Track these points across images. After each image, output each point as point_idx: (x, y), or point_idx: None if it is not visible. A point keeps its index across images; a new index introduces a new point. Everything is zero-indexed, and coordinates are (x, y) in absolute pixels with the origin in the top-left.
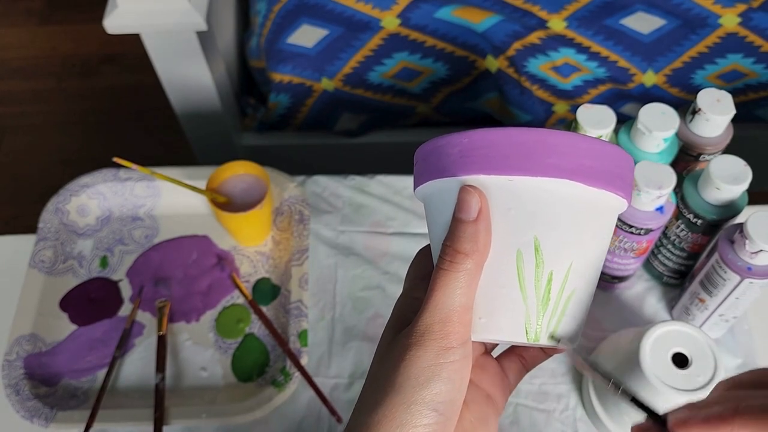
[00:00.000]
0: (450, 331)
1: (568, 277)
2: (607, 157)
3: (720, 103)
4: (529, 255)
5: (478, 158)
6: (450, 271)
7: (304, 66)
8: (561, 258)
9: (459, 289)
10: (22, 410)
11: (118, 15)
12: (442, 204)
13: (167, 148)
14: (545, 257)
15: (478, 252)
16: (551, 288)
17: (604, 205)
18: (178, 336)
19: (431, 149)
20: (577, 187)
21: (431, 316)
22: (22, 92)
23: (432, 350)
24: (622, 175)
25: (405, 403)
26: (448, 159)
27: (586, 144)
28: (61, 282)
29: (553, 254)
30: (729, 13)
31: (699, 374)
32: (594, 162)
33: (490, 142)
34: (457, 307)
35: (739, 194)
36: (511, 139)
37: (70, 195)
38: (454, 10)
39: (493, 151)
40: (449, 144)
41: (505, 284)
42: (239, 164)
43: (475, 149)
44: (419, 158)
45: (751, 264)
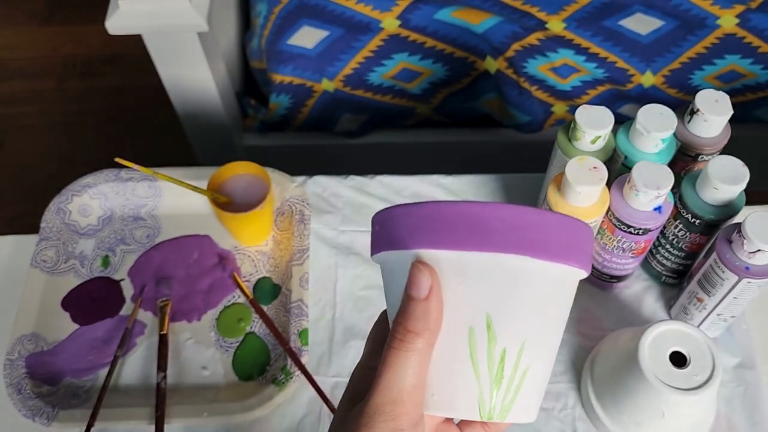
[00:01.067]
0: (400, 412)
1: (522, 354)
2: (560, 229)
3: (718, 104)
4: (481, 331)
5: (429, 232)
6: (400, 350)
7: (304, 67)
8: (514, 334)
9: (409, 369)
10: (23, 409)
11: (120, 16)
12: (397, 274)
13: (168, 148)
14: (498, 334)
15: (429, 331)
16: (504, 365)
17: (558, 277)
18: (179, 335)
19: (386, 218)
20: (527, 261)
21: (381, 397)
22: (24, 93)
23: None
24: (576, 245)
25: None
26: (401, 230)
27: (536, 216)
28: (63, 281)
29: (506, 330)
30: (727, 14)
31: (697, 373)
32: (545, 235)
33: (441, 216)
34: (408, 387)
35: (737, 194)
36: (461, 212)
37: (72, 195)
38: (453, 11)
39: (443, 225)
40: (403, 215)
41: (457, 361)
42: (240, 164)
43: (426, 222)
44: (375, 224)
45: (749, 264)
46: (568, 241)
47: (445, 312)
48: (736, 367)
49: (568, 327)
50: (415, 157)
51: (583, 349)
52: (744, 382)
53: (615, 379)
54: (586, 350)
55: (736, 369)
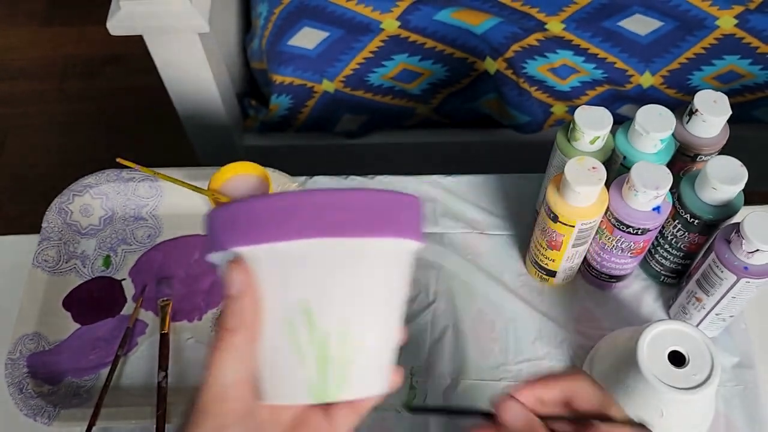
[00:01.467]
0: (225, 409)
1: (347, 335)
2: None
3: (717, 104)
4: (301, 319)
5: (237, 230)
6: (219, 348)
7: (305, 68)
8: (335, 318)
9: (230, 366)
10: (25, 408)
11: (121, 17)
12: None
13: (169, 148)
14: (318, 319)
15: (245, 327)
16: (329, 348)
17: (372, 252)
18: (180, 334)
19: (207, 221)
20: (327, 242)
21: (206, 396)
22: (25, 93)
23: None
24: (383, 216)
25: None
26: (218, 232)
27: (324, 197)
28: (64, 281)
29: (325, 315)
30: (726, 15)
31: (696, 373)
32: (346, 214)
33: (245, 212)
34: (231, 383)
35: (735, 194)
36: (257, 207)
37: (74, 195)
38: (453, 12)
39: (248, 221)
40: (216, 216)
41: (282, 350)
42: (241, 165)
43: (234, 221)
44: (204, 228)
45: (747, 264)
46: (373, 215)
47: (267, 303)
48: (734, 367)
49: (567, 326)
50: (415, 157)
51: (582, 349)
52: (743, 381)
53: (614, 378)
54: (585, 350)
55: (735, 368)
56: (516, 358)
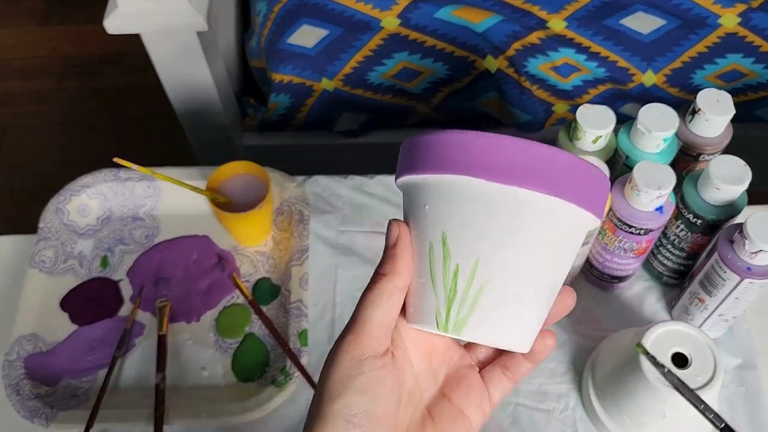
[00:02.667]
0: (362, 343)
1: (476, 271)
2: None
3: (719, 104)
4: (438, 249)
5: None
6: (370, 290)
7: (304, 66)
8: (467, 252)
9: (374, 306)
10: (22, 410)
11: (119, 15)
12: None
13: (167, 148)
14: (452, 251)
15: (396, 273)
16: (458, 281)
17: (513, 201)
18: (178, 336)
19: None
20: (473, 182)
21: (349, 331)
22: (23, 93)
23: (345, 363)
24: (538, 170)
25: (322, 416)
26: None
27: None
28: (62, 282)
29: (458, 248)
30: (728, 13)
31: (699, 374)
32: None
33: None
34: (373, 322)
35: (738, 194)
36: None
37: (71, 195)
38: (453, 10)
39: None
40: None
41: (421, 276)
42: (239, 164)
43: (406, 153)
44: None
45: (750, 264)
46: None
47: (415, 233)
48: (737, 368)
49: (568, 327)
50: None
51: (584, 350)
52: (745, 382)
53: (616, 380)
54: (587, 351)
55: (738, 370)
56: None
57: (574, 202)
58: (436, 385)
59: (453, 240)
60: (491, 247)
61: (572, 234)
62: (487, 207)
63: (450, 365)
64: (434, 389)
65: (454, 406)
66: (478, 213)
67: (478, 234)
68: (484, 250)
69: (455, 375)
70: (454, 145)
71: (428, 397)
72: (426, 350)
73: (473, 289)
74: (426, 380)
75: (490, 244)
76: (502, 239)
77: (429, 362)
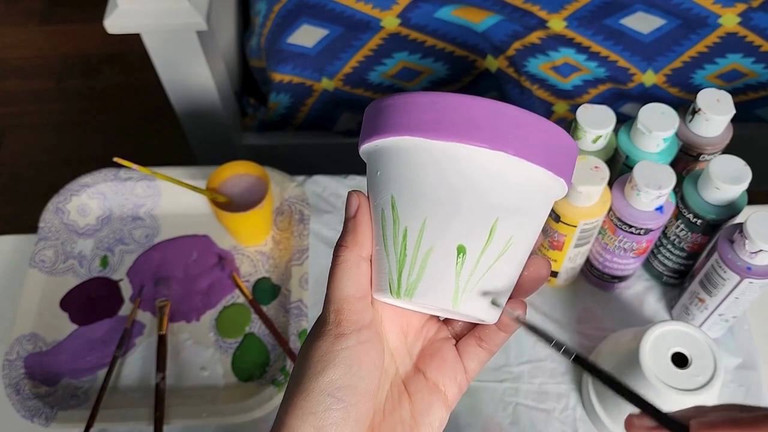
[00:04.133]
0: (342, 319)
1: (422, 233)
2: (449, 109)
3: (720, 103)
4: (388, 213)
5: (362, 131)
6: (336, 264)
7: (304, 66)
8: (413, 214)
9: (345, 280)
10: (22, 410)
11: (119, 15)
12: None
13: (167, 147)
14: (400, 213)
15: (357, 244)
16: (406, 243)
17: (453, 158)
18: (178, 335)
19: (375, 108)
20: (410, 141)
21: (327, 309)
22: (23, 92)
23: (328, 339)
24: (478, 124)
25: (304, 392)
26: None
27: (424, 99)
28: (62, 282)
29: (406, 210)
30: (729, 13)
31: (699, 374)
32: (429, 114)
33: (366, 114)
34: (347, 296)
35: (738, 194)
36: (373, 107)
37: (71, 195)
38: (454, 10)
39: (365, 122)
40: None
41: (377, 243)
42: (239, 164)
43: (363, 123)
44: (368, 115)
45: (750, 264)
46: (469, 120)
47: (372, 203)
48: (737, 368)
49: (568, 327)
50: None
51: (584, 350)
52: (746, 383)
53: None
54: (587, 351)
55: (738, 370)
56: (518, 359)
57: (522, 157)
58: (411, 361)
59: (401, 203)
60: (436, 208)
61: (527, 194)
62: (429, 166)
63: (425, 340)
64: (409, 365)
65: (428, 380)
66: (422, 173)
67: (423, 194)
68: (430, 212)
69: (429, 349)
70: (398, 108)
71: (403, 372)
72: (401, 327)
73: (421, 251)
74: (401, 356)
75: (435, 205)
76: (447, 199)
77: (404, 338)
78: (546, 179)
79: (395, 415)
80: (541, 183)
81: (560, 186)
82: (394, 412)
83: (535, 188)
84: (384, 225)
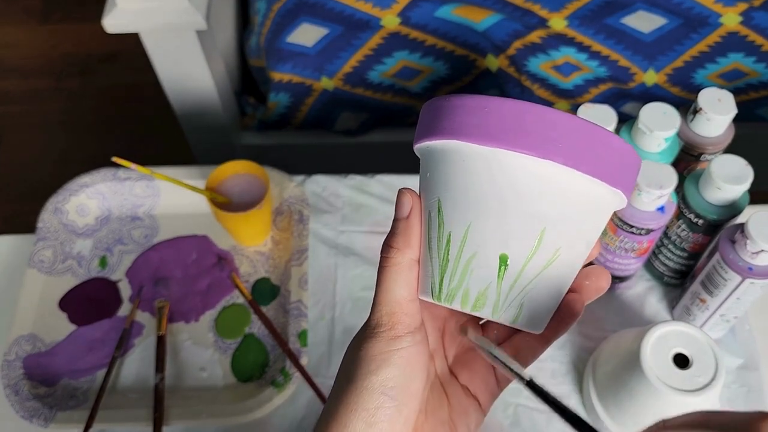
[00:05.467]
0: (396, 321)
1: (465, 240)
2: (497, 114)
3: (721, 103)
4: (434, 216)
5: (417, 128)
6: (386, 267)
7: (303, 65)
8: (457, 219)
9: (398, 283)
10: (21, 410)
11: (117, 14)
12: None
13: (166, 147)
14: (445, 218)
15: (410, 247)
16: (450, 249)
17: (499, 162)
18: (177, 336)
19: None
20: (455, 144)
21: (379, 311)
22: (22, 91)
23: (382, 340)
24: (527, 131)
25: (357, 389)
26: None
27: (473, 102)
28: (61, 282)
29: (451, 215)
30: (730, 12)
31: (700, 375)
32: (476, 119)
33: (421, 113)
34: (400, 300)
35: (740, 194)
36: (428, 107)
37: (69, 195)
38: (454, 8)
39: (420, 122)
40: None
41: (423, 244)
42: (239, 164)
43: (419, 120)
44: (427, 113)
45: (752, 264)
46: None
47: (423, 204)
48: (738, 369)
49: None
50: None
51: (585, 350)
52: (747, 383)
53: (617, 380)
54: (588, 351)
55: (739, 370)
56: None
57: (571, 166)
58: (447, 363)
59: (446, 207)
60: (480, 215)
61: (576, 205)
62: (474, 171)
63: (460, 345)
64: (445, 367)
65: (462, 386)
66: (467, 177)
67: (467, 200)
68: (474, 218)
69: (464, 357)
70: (447, 110)
71: (441, 374)
72: (439, 327)
73: (463, 258)
74: (439, 357)
75: (480, 211)
76: (492, 206)
77: (441, 339)
78: (598, 189)
79: (436, 415)
80: (593, 193)
81: (615, 196)
82: (435, 412)
83: (585, 198)
84: (430, 228)
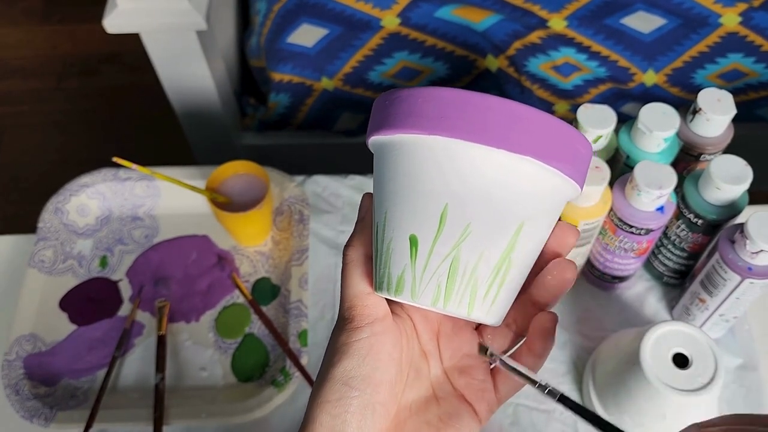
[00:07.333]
0: (356, 314)
1: (386, 226)
2: (396, 105)
3: (720, 103)
4: (373, 211)
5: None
6: (344, 264)
7: (304, 65)
8: (379, 208)
9: (354, 278)
10: (21, 410)
11: (118, 14)
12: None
13: (167, 147)
14: (375, 210)
15: (363, 244)
16: (378, 239)
17: (400, 147)
18: (177, 336)
19: (386, 101)
20: (373, 139)
21: (342, 306)
22: (22, 92)
23: (343, 333)
24: (417, 114)
25: (322, 381)
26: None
27: (392, 96)
28: (61, 282)
29: (377, 206)
30: (729, 13)
31: (699, 375)
32: (383, 112)
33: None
34: (358, 293)
35: (739, 194)
36: (380, 102)
37: (70, 195)
38: (454, 9)
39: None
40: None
41: (373, 241)
42: (239, 164)
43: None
44: (378, 108)
45: (751, 264)
46: (411, 111)
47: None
48: (738, 369)
49: (569, 327)
50: None
51: (585, 350)
52: (746, 383)
53: (617, 380)
54: (588, 351)
55: (739, 370)
56: None
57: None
58: (441, 366)
59: (375, 199)
60: (393, 200)
61: (476, 177)
62: (385, 159)
63: (456, 351)
64: (440, 369)
65: (456, 391)
66: (383, 166)
67: (384, 188)
68: (390, 204)
69: (460, 363)
70: (376, 106)
71: (434, 374)
72: (432, 328)
73: (384, 244)
74: (433, 358)
75: (392, 197)
76: (399, 190)
77: (436, 340)
78: (497, 157)
79: (421, 415)
80: (529, 174)
81: (522, 163)
82: (421, 412)
83: (480, 171)
84: (373, 224)
